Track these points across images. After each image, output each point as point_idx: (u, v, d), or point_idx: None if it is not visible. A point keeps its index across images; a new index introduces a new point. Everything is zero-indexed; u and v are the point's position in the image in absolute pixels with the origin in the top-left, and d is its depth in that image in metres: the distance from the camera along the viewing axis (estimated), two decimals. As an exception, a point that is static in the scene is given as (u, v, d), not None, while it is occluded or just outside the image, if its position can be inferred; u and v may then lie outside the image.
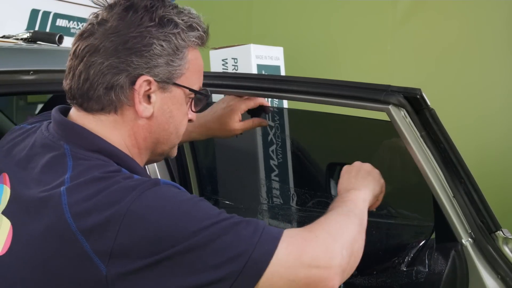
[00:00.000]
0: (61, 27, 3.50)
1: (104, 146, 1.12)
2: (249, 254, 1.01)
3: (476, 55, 3.33)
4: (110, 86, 1.11)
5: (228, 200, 2.07)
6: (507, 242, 1.46)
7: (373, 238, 1.77)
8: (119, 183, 1.03)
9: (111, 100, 1.12)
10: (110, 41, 1.10)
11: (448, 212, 1.45)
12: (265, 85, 1.60)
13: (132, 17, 1.11)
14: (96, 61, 1.10)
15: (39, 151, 1.13)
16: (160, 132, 1.18)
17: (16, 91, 1.76)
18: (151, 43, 1.11)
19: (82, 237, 0.98)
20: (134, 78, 1.11)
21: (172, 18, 1.14)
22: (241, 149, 2.10)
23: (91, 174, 1.04)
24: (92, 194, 1.01)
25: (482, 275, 1.48)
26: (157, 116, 1.16)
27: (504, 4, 3.27)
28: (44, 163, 1.10)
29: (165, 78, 1.14)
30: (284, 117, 2.05)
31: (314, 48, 3.67)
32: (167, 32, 1.13)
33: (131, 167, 1.13)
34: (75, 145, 1.10)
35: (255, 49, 2.42)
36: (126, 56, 1.10)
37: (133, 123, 1.15)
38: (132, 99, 1.12)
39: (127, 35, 1.10)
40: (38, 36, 1.80)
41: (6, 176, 1.14)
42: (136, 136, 1.16)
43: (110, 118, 1.14)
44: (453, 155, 1.40)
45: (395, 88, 1.37)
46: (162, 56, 1.12)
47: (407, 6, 3.50)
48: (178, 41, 1.14)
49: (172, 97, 1.17)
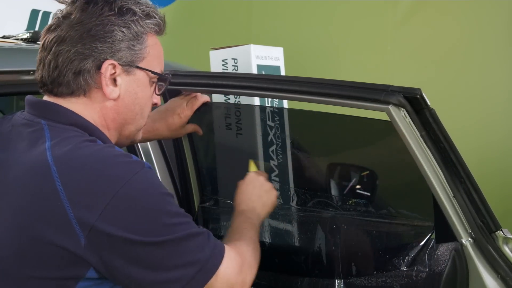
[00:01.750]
0: (61, 28, 3.49)
1: (78, 120, 1.21)
2: (203, 263, 1.17)
3: (476, 55, 3.33)
4: (78, 71, 1.20)
5: (228, 199, 2.07)
6: (507, 242, 1.46)
7: (373, 238, 1.77)
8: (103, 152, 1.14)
9: (79, 84, 1.21)
10: (75, 31, 1.20)
11: (448, 212, 1.45)
12: (265, 85, 1.60)
13: (93, 8, 1.21)
14: (64, 49, 1.20)
15: (18, 131, 1.21)
16: (127, 113, 1.28)
17: (16, 91, 1.76)
18: (113, 29, 1.21)
19: (68, 205, 1.06)
20: (99, 62, 1.21)
21: (130, 7, 1.24)
22: (241, 149, 2.10)
23: (72, 144, 1.13)
24: (82, 163, 1.11)
25: (482, 275, 1.48)
26: (124, 98, 1.26)
27: (505, 4, 3.27)
28: (24, 138, 1.19)
29: (128, 61, 1.24)
30: (284, 117, 2.05)
31: (314, 48, 3.67)
32: (126, 19, 1.23)
33: (103, 140, 1.22)
34: (51, 120, 1.20)
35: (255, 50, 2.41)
36: (90, 42, 1.20)
37: (101, 105, 1.24)
38: (99, 82, 1.22)
39: (90, 24, 1.20)
40: (38, 36, 1.80)
41: None
42: (105, 117, 1.26)
43: (80, 101, 1.23)
44: (453, 155, 1.40)
45: (395, 88, 1.37)
46: (124, 41, 1.22)
47: (407, 6, 3.50)
48: (138, 27, 1.24)
49: (136, 80, 1.27)
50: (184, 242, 1.15)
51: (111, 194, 1.07)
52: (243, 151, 2.09)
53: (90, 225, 1.06)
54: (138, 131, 1.35)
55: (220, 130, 2.09)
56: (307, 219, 1.90)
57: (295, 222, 1.97)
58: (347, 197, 1.76)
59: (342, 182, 1.71)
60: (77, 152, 1.12)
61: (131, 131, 1.32)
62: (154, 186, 1.15)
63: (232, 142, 2.09)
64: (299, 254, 1.93)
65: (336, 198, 1.78)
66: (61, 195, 1.07)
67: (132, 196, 1.09)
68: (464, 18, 3.36)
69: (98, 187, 1.08)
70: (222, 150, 2.15)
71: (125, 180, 1.09)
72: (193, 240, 1.16)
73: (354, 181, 1.64)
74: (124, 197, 1.08)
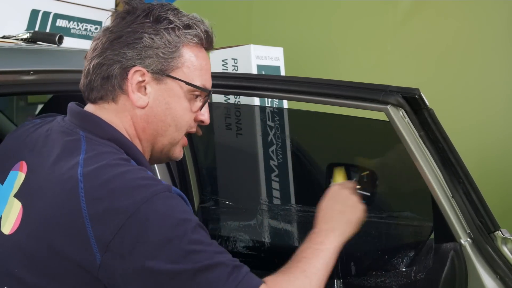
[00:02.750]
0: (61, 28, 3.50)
1: (116, 136, 1.20)
2: None
3: (476, 56, 3.32)
4: (106, 76, 1.20)
5: (228, 200, 2.07)
6: (506, 242, 1.46)
7: (372, 238, 1.78)
8: (133, 173, 1.10)
9: (108, 90, 1.21)
10: (107, 38, 1.21)
11: (447, 212, 1.45)
12: (265, 85, 1.60)
13: (130, 17, 1.22)
14: (95, 56, 1.22)
15: (55, 137, 1.21)
16: (157, 123, 1.24)
17: (16, 92, 1.76)
18: (142, 36, 1.20)
19: (88, 222, 1.04)
20: (127, 68, 1.20)
21: (167, 16, 1.22)
22: (241, 149, 2.11)
23: (105, 160, 1.11)
24: (107, 181, 1.07)
25: (481, 275, 1.48)
26: (153, 107, 1.23)
27: (504, 4, 3.27)
28: (59, 146, 1.17)
29: (158, 69, 1.21)
30: (284, 117, 2.05)
31: (314, 49, 3.67)
32: (159, 27, 1.21)
33: (138, 159, 1.20)
34: (90, 132, 1.19)
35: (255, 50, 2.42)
36: (119, 48, 1.20)
37: (131, 112, 1.22)
38: (126, 88, 1.21)
39: (122, 31, 1.21)
40: (38, 36, 1.80)
41: (23, 164, 1.21)
42: (136, 126, 1.23)
43: (110, 107, 1.22)
44: (452, 155, 1.40)
45: (394, 88, 1.37)
46: (152, 48, 1.20)
47: (407, 6, 3.49)
48: (171, 36, 1.21)
49: (167, 89, 1.23)
50: (201, 274, 1.03)
51: (129, 214, 1.03)
52: (243, 151, 2.09)
53: (106, 244, 1.02)
54: (173, 145, 1.28)
55: (220, 130, 2.10)
56: (306, 219, 1.91)
57: (295, 222, 1.97)
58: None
59: (341, 182, 1.70)
60: (107, 170, 1.09)
61: (164, 144, 1.27)
62: (175, 210, 1.08)
63: (232, 142, 2.10)
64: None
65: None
66: (83, 212, 1.04)
67: (150, 216, 1.04)
68: (463, 19, 3.36)
69: (117, 207, 1.04)
70: (222, 150, 2.15)
71: (145, 200, 1.05)
72: (212, 273, 1.04)
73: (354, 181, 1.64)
74: (141, 216, 1.04)
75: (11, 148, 1.29)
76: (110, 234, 1.03)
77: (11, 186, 1.20)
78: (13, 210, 1.16)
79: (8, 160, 1.25)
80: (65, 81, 1.58)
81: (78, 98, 1.70)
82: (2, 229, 1.17)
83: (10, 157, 1.26)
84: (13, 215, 1.16)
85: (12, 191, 1.19)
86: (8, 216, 1.17)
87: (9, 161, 1.25)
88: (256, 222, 2.02)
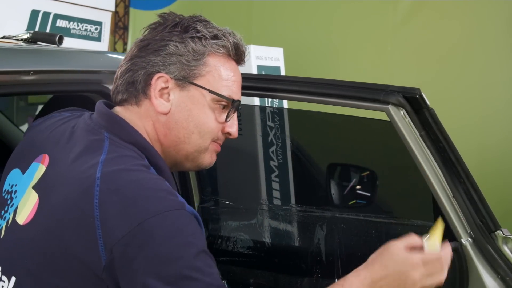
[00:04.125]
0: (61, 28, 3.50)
1: (140, 140, 1.21)
2: None
3: (476, 56, 3.33)
4: (132, 81, 1.24)
5: (228, 200, 2.07)
6: (507, 241, 1.46)
7: (373, 238, 1.77)
8: (149, 183, 1.10)
9: (132, 93, 1.25)
10: (136, 46, 1.26)
11: (447, 211, 1.45)
12: (265, 85, 1.60)
13: (160, 27, 1.26)
14: (125, 63, 1.27)
15: (80, 134, 1.23)
16: (179, 130, 1.24)
17: (17, 92, 1.76)
18: (167, 44, 1.23)
19: (98, 222, 1.05)
20: (151, 74, 1.23)
21: (195, 26, 1.25)
22: (241, 150, 2.10)
23: (124, 165, 1.12)
24: (123, 185, 1.09)
25: (481, 274, 1.48)
26: (175, 113, 1.24)
27: (505, 5, 3.27)
28: (83, 144, 1.19)
29: (181, 76, 1.23)
30: (284, 117, 2.05)
31: (314, 49, 3.67)
32: (185, 36, 1.24)
33: (158, 165, 1.20)
34: (114, 134, 1.20)
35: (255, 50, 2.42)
36: (146, 55, 1.24)
37: (154, 118, 1.24)
38: (149, 93, 1.23)
39: (150, 40, 1.25)
40: (38, 36, 1.80)
41: (46, 157, 1.24)
42: (157, 131, 1.25)
43: (134, 110, 1.25)
44: (453, 155, 1.40)
45: (395, 88, 1.37)
46: (176, 55, 1.23)
47: (407, 6, 3.50)
48: (196, 45, 1.24)
49: (190, 96, 1.24)
50: None
51: (138, 222, 1.03)
52: (243, 151, 2.09)
53: (112, 245, 1.03)
54: (200, 153, 1.27)
55: (220, 130, 2.09)
56: (306, 219, 1.91)
57: (295, 222, 1.97)
58: (347, 197, 1.76)
59: (342, 183, 1.70)
60: (125, 174, 1.10)
61: (188, 151, 1.26)
62: (184, 230, 1.06)
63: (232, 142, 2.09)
64: (299, 254, 1.93)
65: (335, 198, 1.78)
66: (95, 212, 1.05)
67: (157, 230, 1.04)
68: (463, 19, 3.36)
69: (129, 212, 1.05)
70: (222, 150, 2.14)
71: (156, 213, 1.04)
72: None
73: (354, 182, 1.64)
74: (149, 228, 1.03)
75: (37, 139, 1.31)
76: (117, 237, 1.03)
77: (31, 177, 1.22)
78: (29, 201, 1.18)
79: (32, 151, 1.27)
80: (65, 81, 1.58)
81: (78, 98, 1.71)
82: (16, 218, 1.19)
83: (34, 148, 1.28)
84: (28, 206, 1.18)
85: (31, 182, 1.21)
86: (24, 207, 1.19)
87: (32, 152, 1.27)
88: (256, 222, 2.01)
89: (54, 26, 3.48)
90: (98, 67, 1.68)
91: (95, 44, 3.68)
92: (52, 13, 3.46)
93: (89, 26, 3.65)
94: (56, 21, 3.50)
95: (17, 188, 1.25)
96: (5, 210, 1.24)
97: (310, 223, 1.90)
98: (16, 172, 1.28)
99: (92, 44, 3.67)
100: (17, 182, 1.26)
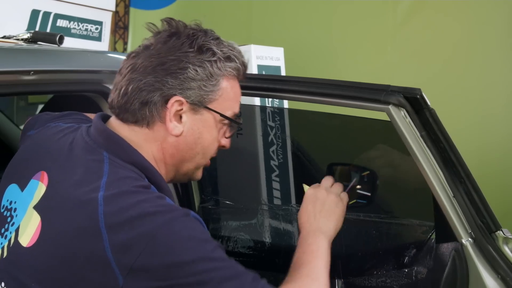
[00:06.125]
0: (62, 28, 3.51)
1: (139, 160, 1.21)
2: None
3: (477, 55, 3.33)
4: (145, 102, 1.20)
5: (228, 200, 2.07)
6: (507, 242, 1.46)
7: (373, 238, 1.77)
8: (152, 202, 1.11)
9: (144, 115, 1.21)
10: (149, 62, 1.21)
11: (448, 212, 1.45)
12: (266, 85, 1.60)
13: (174, 42, 1.22)
14: (136, 78, 1.20)
15: (79, 154, 1.21)
16: (187, 151, 1.26)
17: (17, 92, 1.76)
18: (187, 67, 1.20)
19: (109, 247, 1.05)
20: (167, 97, 1.20)
21: (211, 47, 1.23)
22: (242, 150, 2.10)
23: (125, 187, 1.12)
24: (127, 207, 1.09)
25: (482, 275, 1.48)
26: (186, 136, 1.24)
27: (505, 5, 3.27)
28: (83, 165, 1.18)
29: (197, 101, 1.22)
30: (285, 117, 2.05)
31: (315, 49, 3.68)
32: (203, 59, 1.22)
33: (158, 184, 1.21)
34: (114, 154, 1.19)
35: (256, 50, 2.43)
36: (162, 76, 1.20)
37: (163, 139, 1.24)
38: (164, 116, 1.22)
39: (166, 58, 1.20)
40: (39, 36, 1.80)
41: (44, 174, 1.21)
42: (164, 151, 1.25)
43: (142, 131, 1.23)
44: (453, 155, 1.40)
45: (395, 88, 1.37)
46: (195, 80, 1.21)
47: (407, 6, 3.50)
48: (213, 68, 1.23)
49: (203, 120, 1.25)
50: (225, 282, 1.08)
51: (149, 238, 1.05)
52: (244, 151, 2.09)
53: (129, 266, 1.04)
54: (197, 169, 1.33)
55: (220, 130, 2.09)
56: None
57: (295, 222, 1.97)
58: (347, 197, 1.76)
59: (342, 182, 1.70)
60: (127, 196, 1.11)
61: (189, 168, 1.31)
62: (195, 232, 1.11)
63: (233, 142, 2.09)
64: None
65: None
66: (103, 236, 1.06)
67: (170, 238, 1.07)
68: (463, 19, 3.36)
69: (138, 232, 1.06)
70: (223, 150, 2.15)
71: (165, 223, 1.07)
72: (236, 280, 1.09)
73: (354, 181, 1.64)
74: (162, 239, 1.06)
75: (33, 152, 1.30)
76: (132, 258, 1.04)
77: (31, 196, 1.20)
78: (31, 223, 1.17)
79: (30, 166, 1.25)
80: (66, 81, 1.58)
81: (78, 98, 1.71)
82: (19, 239, 1.17)
83: (31, 163, 1.26)
84: (31, 228, 1.16)
85: (31, 201, 1.19)
86: (27, 228, 1.17)
87: (30, 167, 1.25)
88: (256, 222, 2.02)
89: (54, 25, 3.48)
90: (99, 67, 1.68)
91: (96, 44, 3.69)
92: (52, 13, 3.47)
93: (89, 26, 3.65)
94: (57, 21, 3.50)
95: (17, 206, 1.23)
96: (6, 229, 1.22)
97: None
98: (14, 188, 1.26)
99: (93, 43, 3.67)
100: (16, 200, 1.24)
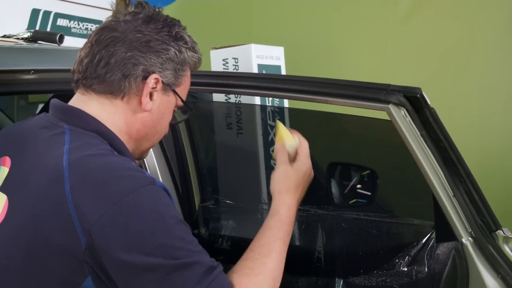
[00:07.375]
0: (62, 27, 3.51)
1: (100, 128, 1.23)
2: None
3: (477, 55, 3.33)
4: (127, 74, 1.24)
5: (229, 199, 2.07)
6: (508, 241, 1.46)
7: (374, 238, 1.78)
8: (118, 164, 1.14)
9: (123, 86, 1.25)
10: (136, 37, 1.25)
11: (448, 211, 1.45)
12: (266, 85, 1.60)
13: (155, 24, 1.28)
14: (120, 50, 1.24)
15: (40, 132, 1.24)
16: (151, 128, 1.31)
17: (17, 91, 1.76)
18: (169, 48, 1.28)
19: (73, 208, 1.07)
20: (148, 73, 1.26)
21: (184, 36, 1.31)
22: (242, 149, 2.11)
23: (90, 150, 1.15)
24: (92, 170, 1.11)
25: (482, 274, 1.48)
26: (153, 113, 1.30)
27: (505, 4, 3.27)
28: (44, 139, 1.21)
29: (169, 82, 1.29)
30: (285, 116, 2.05)
31: (315, 48, 3.67)
32: (180, 45, 1.30)
33: (121, 150, 1.24)
34: (74, 125, 1.22)
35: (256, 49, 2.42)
36: (147, 52, 1.25)
37: (133, 112, 1.27)
38: (141, 90, 1.26)
39: (150, 37, 1.26)
40: (39, 35, 1.80)
41: (6, 159, 1.25)
42: (131, 125, 1.28)
43: (114, 102, 1.26)
44: (453, 154, 1.40)
45: (395, 87, 1.37)
46: (174, 63, 1.29)
47: (408, 5, 3.50)
48: (185, 56, 1.31)
49: (168, 101, 1.32)
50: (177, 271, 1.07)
51: (113, 202, 1.06)
52: (244, 150, 2.09)
53: (90, 228, 1.05)
54: (148, 149, 1.38)
55: (220, 129, 2.10)
56: (307, 219, 1.91)
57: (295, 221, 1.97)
58: (348, 197, 1.76)
59: (342, 182, 1.70)
60: (92, 159, 1.13)
61: (146, 147, 1.36)
62: (158, 204, 1.11)
63: (233, 141, 2.10)
64: (299, 253, 1.93)
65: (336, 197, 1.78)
66: (67, 198, 1.07)
67: (134, 207, 1.07)
68: (464, 18, 3.36)
69: (102, 194, 1.08)
70: (223, 149, 2.15)
71: (131, 191, 1.08)
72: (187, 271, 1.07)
73: (355, 181, 1.64)
74: (125, 206, 1.07)
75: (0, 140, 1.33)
76: (93, 218, 1.05)
77: None
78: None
79: None
80: (66, 80, 1.57)
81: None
82: None
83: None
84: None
85: None
86: None
87: None
88: (257, 222, 2.02)
89: (54, 25, 3.48)
90: (99, 66, 1.68)
91: (96, 43, 3.67)
92: (52, 12, 3.47)
93: (89, 25, 3.66)
94: (57, 20, 3.50)
95: None
96: None
97: (310, 222, 1.90)
98: None
99: (93, 43, 3.66)
100: None
